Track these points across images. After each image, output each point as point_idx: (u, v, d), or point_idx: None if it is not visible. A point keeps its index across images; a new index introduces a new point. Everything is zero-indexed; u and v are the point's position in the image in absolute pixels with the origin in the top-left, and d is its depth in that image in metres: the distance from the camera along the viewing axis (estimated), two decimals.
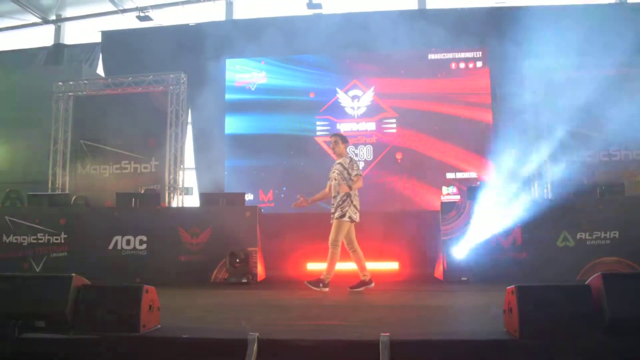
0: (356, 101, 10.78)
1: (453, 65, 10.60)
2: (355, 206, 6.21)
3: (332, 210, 6.26)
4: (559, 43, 9.84)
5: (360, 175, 6.24)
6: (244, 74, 11.17)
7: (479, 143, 10.31)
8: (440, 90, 10.55)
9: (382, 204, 10.12)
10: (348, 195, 6.16)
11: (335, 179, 6.26)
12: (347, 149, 6.58)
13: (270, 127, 10.94)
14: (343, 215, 6.12)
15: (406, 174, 10.41)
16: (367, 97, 10.76)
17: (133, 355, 3.24)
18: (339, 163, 6.36)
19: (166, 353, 3.24)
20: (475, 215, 7.19)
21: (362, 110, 10.76)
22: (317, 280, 6.11)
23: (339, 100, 10.83)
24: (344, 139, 6.53)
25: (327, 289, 6.06)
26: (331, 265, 6.14)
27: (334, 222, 6.18)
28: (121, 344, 3.27)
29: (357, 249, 6.29)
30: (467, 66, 10.57)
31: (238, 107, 11.09)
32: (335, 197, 6.27)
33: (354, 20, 10.78)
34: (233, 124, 11.08)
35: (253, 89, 11.09)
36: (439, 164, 10.37)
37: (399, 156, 10.49)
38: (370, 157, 10.56)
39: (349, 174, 6.21)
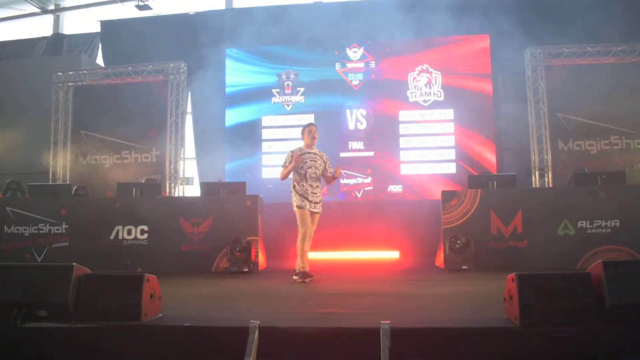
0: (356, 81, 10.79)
1: (453, 50, 10.58)
2: None
3: (317, 200, 6.28)
4: (561, 31, 9.80)
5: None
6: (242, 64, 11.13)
7: (481, 128, 10.30)
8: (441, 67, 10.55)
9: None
10: None
11: (318, 169, 6.33)
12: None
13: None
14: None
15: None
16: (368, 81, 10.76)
17: (134, 344, 3.26)
18: (315, 153, 6.40)
19: (167, 341, 3.25)
20: (475, 204, 7.20)
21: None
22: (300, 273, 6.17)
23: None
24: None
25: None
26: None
27: (318, 217, 6.31)
28: (122, 332, 3.28)
29: None
30: (468, 51, 10.53)
31: (238, 95, 11.06)
32: (317, 187, 6.31)
33: (353, 9, 10.74)
34: (233, 112, 11.05)
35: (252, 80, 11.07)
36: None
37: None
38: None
39: (326, 167, 6.43)
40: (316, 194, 6.26)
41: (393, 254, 8.86)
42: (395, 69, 10.66)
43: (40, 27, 14.03)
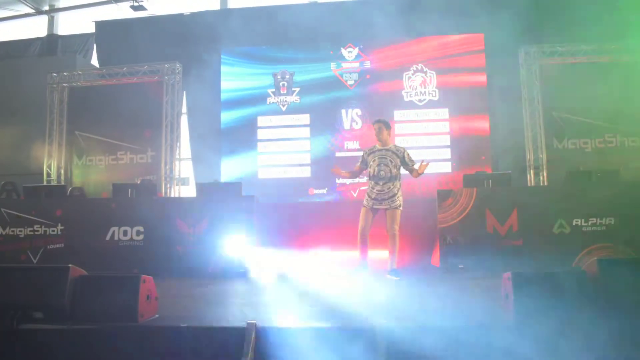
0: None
1: (448, 49, 10.60)
2: None
3: (383, 197, 6.31)
4: (555, 29, 9.84)
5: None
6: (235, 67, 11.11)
7: (475, 127, 10.31)
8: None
9: None
10: (400, 184, 6.37)
11: (387, 165, 6.32)
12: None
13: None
14: (401, 205, 6.35)
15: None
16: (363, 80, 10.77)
17: (131, 344, 3.25)
18: (387, 149, 6.39)
19: (164, 342, 3.25)
20: (471, 203, 7.21)
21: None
22: (396, 271, 6.30)
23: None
24: (387, 125, 6.56)
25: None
26: (397, 253, 6.37)
27: (394, 212, 6.32)
28: (119, 333, 3.28)
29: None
30: (463, 51, 10.55)
31: (234, 97, 11.04)
32: (385, 184, 6.32)
33: (348, 9, 10.75)
34: (229, 113, 11.03)
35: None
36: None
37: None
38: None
39: (405, 162, 6.37)
40: (383, 190, 6.31)
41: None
42: (390, 69, 10.67)
43: (34, 28, 13.98)
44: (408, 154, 6.42)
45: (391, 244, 6.34)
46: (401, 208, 6.33)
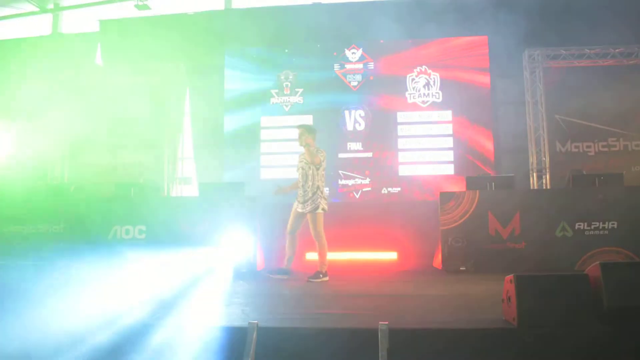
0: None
1: (452, 51, 10.58)
2: (324, 197, 6.47)
3: (300, 200, 6.46)
4: (559, 33, 9.83)
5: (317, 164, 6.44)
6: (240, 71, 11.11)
7: (478, 129, 10.30)
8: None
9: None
10: (317, 187, 6.40)
11: (303, 168, 6.48)
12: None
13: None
14: (317, 208, 6.37)
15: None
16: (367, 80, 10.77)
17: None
18: (304, 153, 6.49)
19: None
20: (474, 205, 7.20)
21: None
22: (316, 273, 6.26)
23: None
24: (310, 130, 6.63)
25: (327, 278, 6.24)
26: (323, 256, 6.37)
27: (310, 216, 6.39)
28: None
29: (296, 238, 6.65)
30: (466, 53, 10.53)
31: (237, 97, 11.04)
32: (302, 187, 6.46)
33: (352, 10, 10.75)
34: (232, 113, 11.03)
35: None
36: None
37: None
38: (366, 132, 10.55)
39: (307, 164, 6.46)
40: (300, 194, 6.48)
41: (391, 255, 8.85)
42: (393, 70, 10.65)
43: (39, 27, 13.99)
44: (301, 157, 6.59)
45: (317, 248, 6.44)
46: (318, 211, 6.37)
